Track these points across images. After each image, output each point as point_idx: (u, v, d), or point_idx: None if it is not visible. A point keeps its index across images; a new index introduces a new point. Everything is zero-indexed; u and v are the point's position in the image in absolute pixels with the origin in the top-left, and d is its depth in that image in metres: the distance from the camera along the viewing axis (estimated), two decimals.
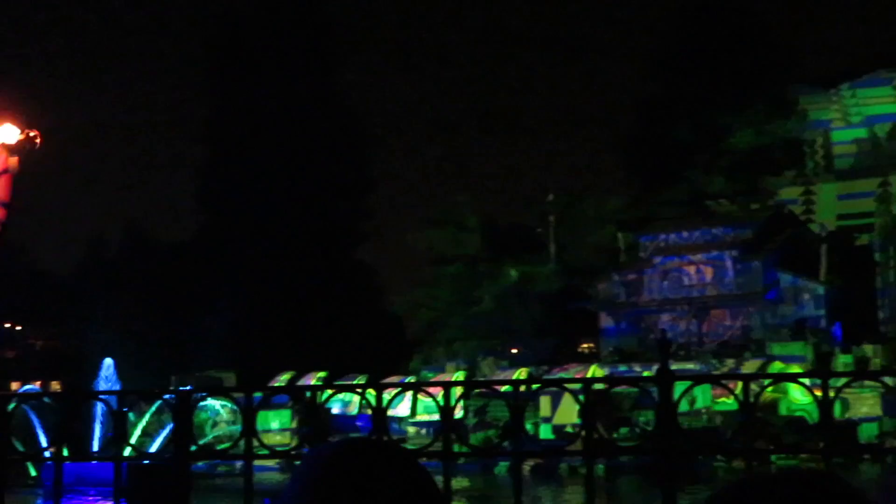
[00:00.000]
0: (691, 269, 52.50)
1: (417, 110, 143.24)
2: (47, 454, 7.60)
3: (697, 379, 7.54)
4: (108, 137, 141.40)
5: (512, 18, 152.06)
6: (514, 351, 54.80)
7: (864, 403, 39.33)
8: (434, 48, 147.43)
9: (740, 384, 5.62)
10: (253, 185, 63.84)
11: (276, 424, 43.19)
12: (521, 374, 42.45)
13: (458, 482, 29.81)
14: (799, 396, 37.59)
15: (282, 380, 45.22)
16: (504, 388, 5.24)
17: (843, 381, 5.11)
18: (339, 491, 1.43)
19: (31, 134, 13.33)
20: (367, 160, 70.18)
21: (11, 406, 6.57)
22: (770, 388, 35.60)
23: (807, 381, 6.54)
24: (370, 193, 70.45)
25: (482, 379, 42.41)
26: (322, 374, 47.42)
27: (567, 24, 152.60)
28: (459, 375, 47.28)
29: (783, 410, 39.02)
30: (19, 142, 13.25)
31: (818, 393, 5.42)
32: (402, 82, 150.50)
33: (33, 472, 28.64)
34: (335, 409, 47.08)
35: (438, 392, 5.07)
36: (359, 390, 5.52)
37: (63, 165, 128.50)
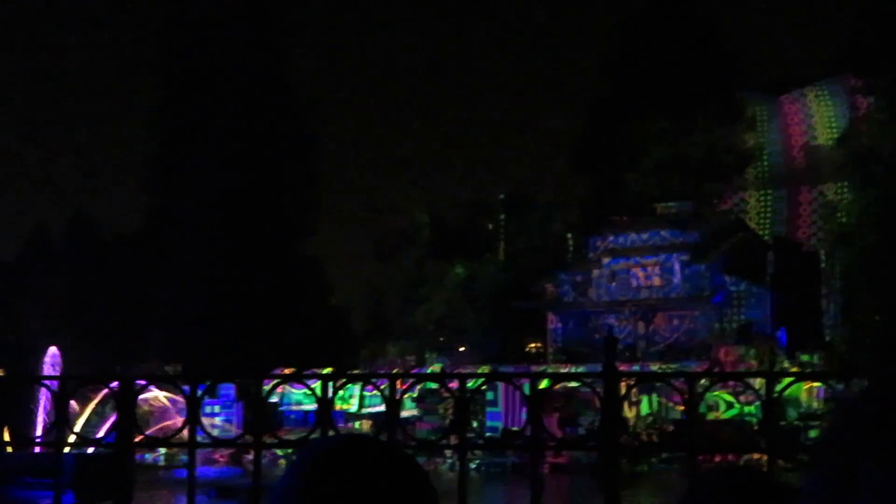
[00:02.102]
0: (639, 272, 52.71)
1: (367, 106, 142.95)
2: None
3: (642, 377, 7.58)
4: (57, 124, 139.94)
5: (465, 17, 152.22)
6: (462, 349, 54.85)
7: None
8: (384, 47, 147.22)
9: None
10: (199, 177, 63.45)
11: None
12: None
13: None
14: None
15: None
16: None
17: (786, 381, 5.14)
18: (334, 483, 1.43)
19: None
20: (314, 154, 69.86)
21: None
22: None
23: (753, 385, 6.59)
24: (316, 187, 70.11)
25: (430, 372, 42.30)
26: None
27: (520, 26, 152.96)
28: (436, 368, 46.52)
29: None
30: None
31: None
32: (352, 80, 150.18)
33: None
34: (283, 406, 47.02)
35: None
36: (306, 382, 5.49)
37: (8, 151, 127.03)
